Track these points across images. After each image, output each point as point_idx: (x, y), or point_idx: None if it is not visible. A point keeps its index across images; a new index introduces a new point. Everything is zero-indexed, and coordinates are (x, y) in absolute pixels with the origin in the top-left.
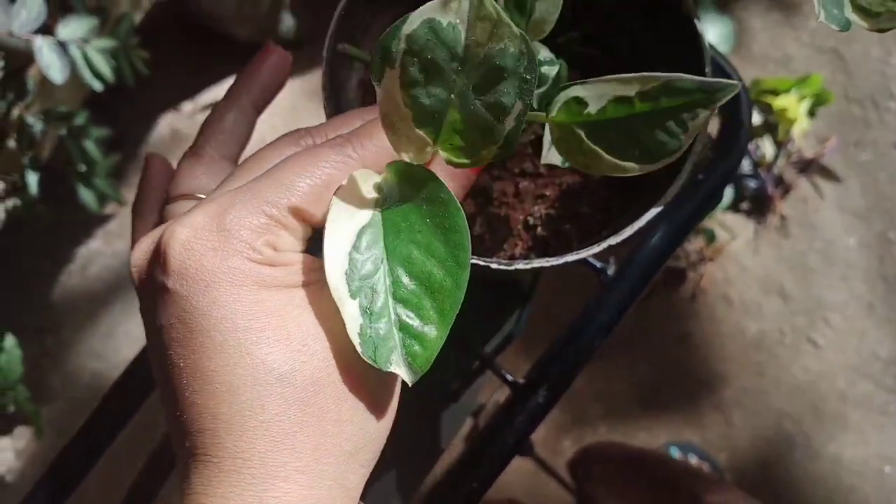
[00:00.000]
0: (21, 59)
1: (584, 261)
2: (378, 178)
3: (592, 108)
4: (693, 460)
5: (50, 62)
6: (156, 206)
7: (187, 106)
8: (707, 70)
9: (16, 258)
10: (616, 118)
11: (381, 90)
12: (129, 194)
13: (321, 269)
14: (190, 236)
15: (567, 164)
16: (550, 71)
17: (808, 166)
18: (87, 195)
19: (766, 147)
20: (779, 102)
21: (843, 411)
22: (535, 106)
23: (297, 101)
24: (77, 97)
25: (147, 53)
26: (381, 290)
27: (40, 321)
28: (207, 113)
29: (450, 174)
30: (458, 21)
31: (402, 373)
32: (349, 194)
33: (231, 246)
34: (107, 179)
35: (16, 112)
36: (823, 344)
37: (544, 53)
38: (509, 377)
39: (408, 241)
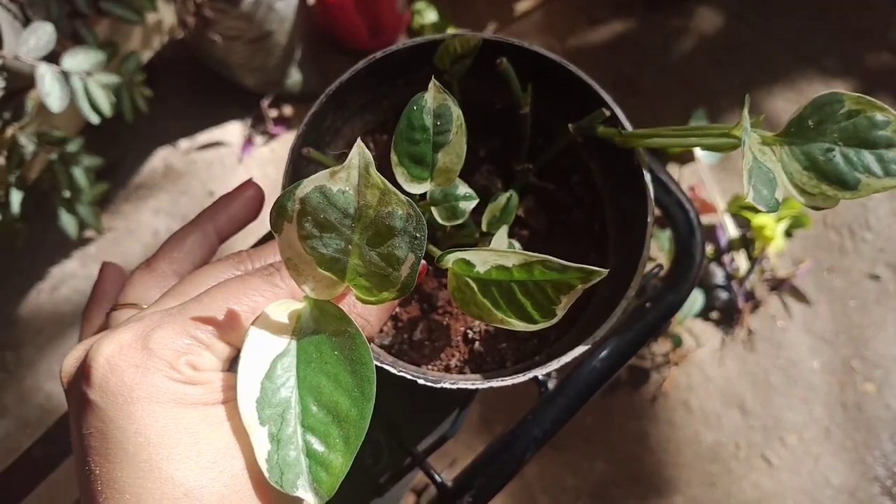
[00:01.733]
0: (23, 80)
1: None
2: (298, 306)
3: (480, 269)
4: None
5: (51, 90)
6: (103, 312)
7: (184, 143)
8: (649, 220)
9: None
10: (498, 280)
11: (282, 240)
12: (113, 221)
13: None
14: (114, 352)
15: None
16: (467, 206)
17: (779, 285)
18: (67, 221)
19: (741, 261)
20: (757, 220)
21: None
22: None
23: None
24: (75, 122)
25: (150, 92)
26: (291, 417)
27: (3, 337)
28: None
29: (362, 311)
30: (348, 188)
31: (309, 497)
32: (267, 323)
33: (152, 364)
34: (90, 207)
35: (10, 131)
36: (777, 463)
37: (462, 189)
38: (438, 478)
39: (318, 371)
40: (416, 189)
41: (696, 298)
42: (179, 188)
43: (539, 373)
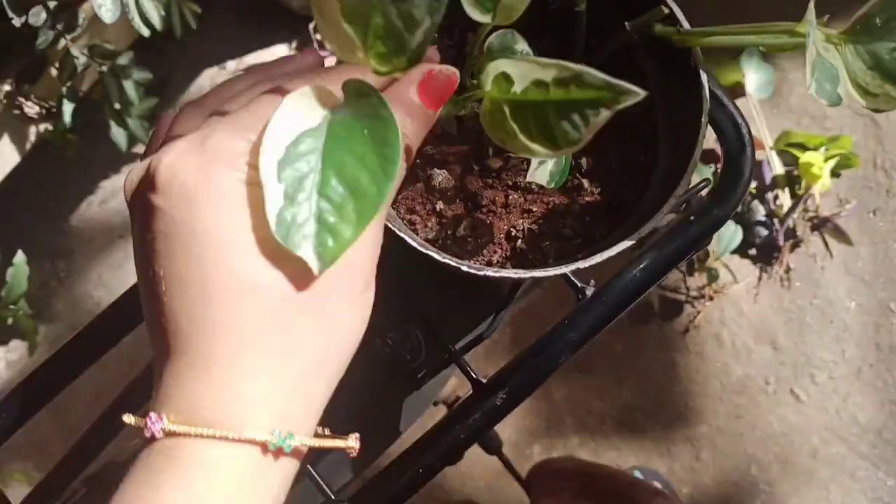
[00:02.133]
0: None
1: (565, 278)
2: (335, 95)
3: (517, 87)
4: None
5: (103, 2)
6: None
7: (231, 64)
8: (703, 119)
9: (41, 182)
10: (534, 101)
11: None
12: None
13: None
14: (174, 158)
15: (555, 185)
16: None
17: (822, 224)
18: (118, 133)
19: (785, 199)
20: (805, 157)
21: (812, 468)
22: (473, 80)
23: None
24: (126, 37)
25: (198, 9)
26: (308, 184)
27: (55, 245)
28: None
29: (408, 111)
30: None
31: (311, 260)
32: (304, 100)
33: (212, 165)
34: (139, 121)
35: (62, 42)
36: (805, 399)
37: (521, 45)
38: (473, 374)
39: (345, 149)
40: (477, 16)
41: (736, 234)
42: None
43: (580, 265)
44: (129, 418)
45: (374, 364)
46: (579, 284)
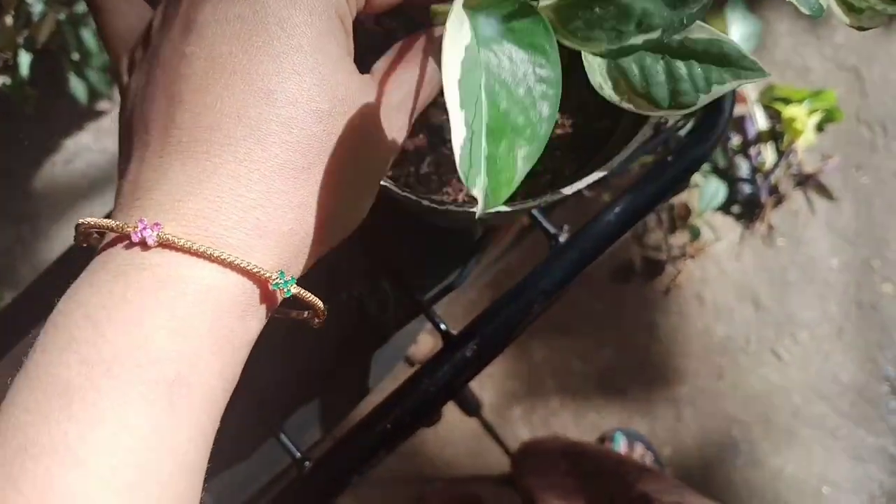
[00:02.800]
0: None
1: (538, 225)
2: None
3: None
4: (638, 449)
5: None
6: None
7: None
8: None
9: (3, 143)
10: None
11: None
12: None
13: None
14: None
15: None
16: None
17: (805, 180)
18: (77, 86)
19: (768, 154)
20: (789, 112)
21: (794, 427)
22: None
23: None
24: None
25: None
26: (482, 112)
27: (18, 209)
28: None
29: None
30: None
31: (480, 198)
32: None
33: None
34: (100, 73)
35: None
36: (787, 358)
37: None
38: (442, 326)
39: (502, 81)
40: None
41: (719, 190)
42: None
43: (549, 198)
44: (98, 221)
45: (340, 319)
46: (552, 230)
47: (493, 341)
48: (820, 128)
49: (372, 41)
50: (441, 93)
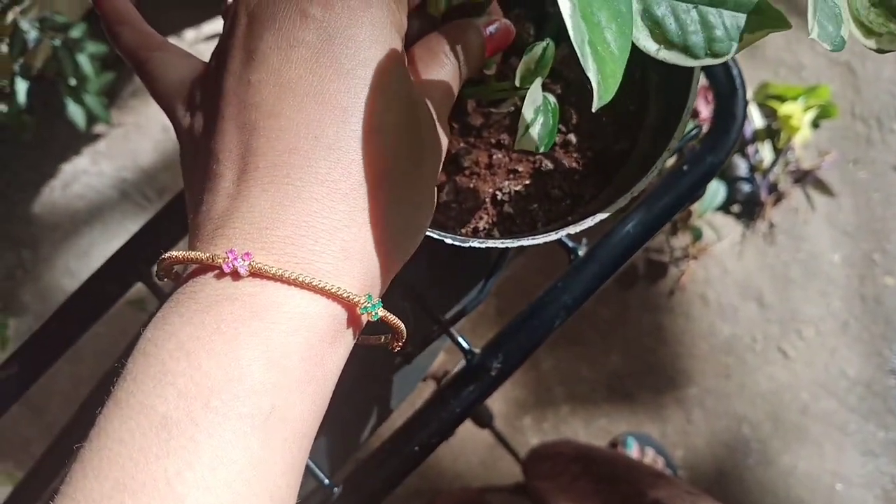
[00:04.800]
0: None
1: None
2: None
3: None
4: (649, 453)
5: None
6: None
7: (190, 34)
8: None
9: (1, 168)
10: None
11: None
12: (122, 116)
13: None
14: None
15: (543, 149)
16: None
17: (804, 177)
18: (75, 111)
19: (765, 152)
20: (784, 109)
21: (804, 424)
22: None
23: None
24: (77, 8)
25: None
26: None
27: (19, 234)
28: (208, 43)
29: (467, 45)
30: None
31: (595, 86)
32: None
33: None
34: (97, 97)
35: (10, 16)
36: (793, 355)
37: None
38: (465, 345)
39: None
40: None
41: (718, 191)
42: None
43: (572, 230)
44: (186, 254)
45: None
46: (571, 244)
47: (516, 358)
48: (815, 124)
49: None
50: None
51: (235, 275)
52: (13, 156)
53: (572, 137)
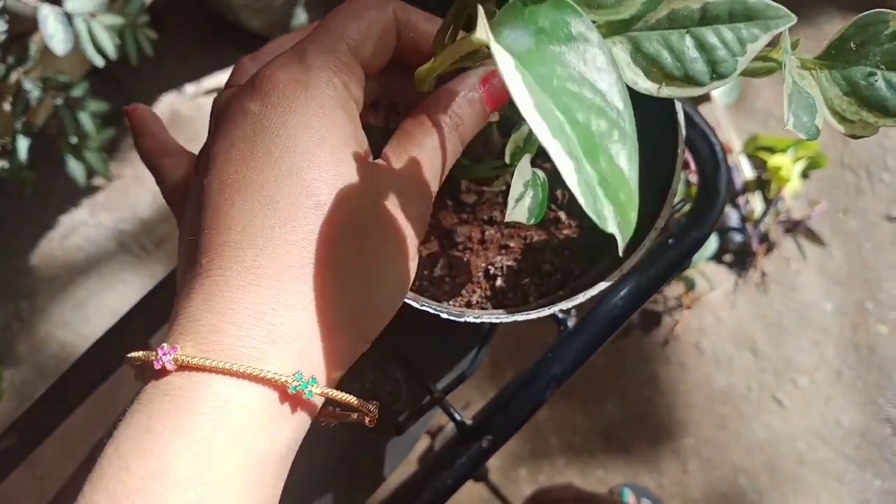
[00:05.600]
0: (26, 23)
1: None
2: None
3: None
4: None
5: (54, 33)
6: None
7: (190, 88)
8: (679, 149)
9: (0, 220)
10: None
11: None
12: (121, 169)
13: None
14: (277, 69)
15: (534, 221)
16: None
17: (794, 227)
18: (75, 167)
19: (756, 203)
20: (774, 160)
21: (800, 474)
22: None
23: None
24: (80, 67)
25: (154, 35)
26: (568, 133)
27: (17, 285)
28: (209, 97)
29: (469, 101)
30: None
31: (617, 233)
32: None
33: (311, 78)
34: (98, 153)
35: (14, 76)
36: (788, 404)
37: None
38: (457, 416)
39: (563, 90)
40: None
41: (711, 241)
42: (187, 134)
43: (564, 306)
44: (136, 354)
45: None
46: (560, 316)
47: (507, 430)
48: (805, 175)
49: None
50: (444, 185)
51: (164, 370)
52: (12, 208)
53: (562, 215)
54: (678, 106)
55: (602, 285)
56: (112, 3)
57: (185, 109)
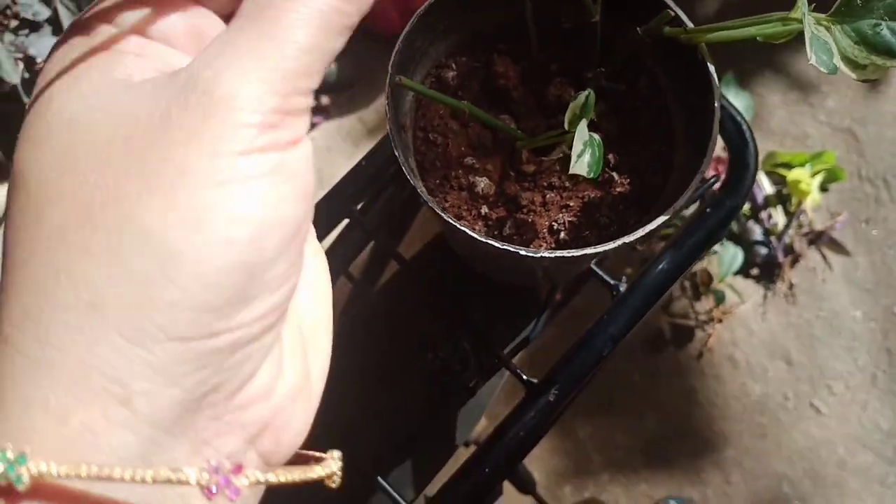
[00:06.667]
0: None
1: (600, 279)
2: None
3: None
4: None
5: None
6: None
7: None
8: (716, 105)
9: None
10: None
11: None
12: None
13: None
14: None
15: (593, 175)
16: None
17: (818, 238)
18: None
19: (778, 217)
20: (792, 175)
21: (842, 479)
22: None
23: (332, 142)
24: None
25: None
26: None
27: None
28: None
29: None
30: None
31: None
32: None
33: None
34: None
35: None
36: (826, 411)
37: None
38: (524, 376)
39: None
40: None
41: (737, 255)
42: None
43: (628, 239)
44: None
45: (427, 379)
46: (612, 282)
47: (571, 385)
48: (824, 188)
49: None
50: (505, 156)
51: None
52: None
53: (614, 175)
54: (712, 70)
55: (660, 219)
56: None
57: None
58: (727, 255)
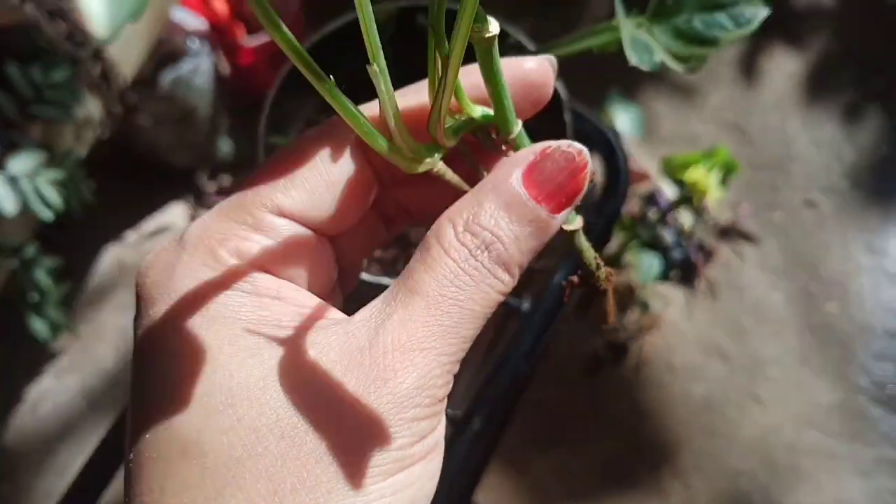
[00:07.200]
0: None
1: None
2: None
3: None
4: None
5: (3, 196)
6: None
7: (132, 236)
8: (567, 118)
9: None
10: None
11: None
12: (79, 326)
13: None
14: (150, 257)
15: None
16: None
17: (726, 232)
18: (39, 325)
19: (685, 218)
20: (690, 176)
21: (796, 461)
22: None
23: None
24: (24, 227)
25: (93, 184)
26: None
27: None
28: (152, 240)
29: (508, 206)
30: None
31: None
32: None
33: (182, 261)
34: (58, 308)
35: None
36: (767, 398)
37: None
38: (448, 411)
39: None
40: None
41: (653, 263)
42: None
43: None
44: None
45: None
46: (514, 304)
47: (495, 409)
48: (723, 182)
49: None
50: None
51: None
52: None
53: None
54: (559, 89)
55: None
56: (50, 159)
57: (130, 257)
58: (644, 264)
